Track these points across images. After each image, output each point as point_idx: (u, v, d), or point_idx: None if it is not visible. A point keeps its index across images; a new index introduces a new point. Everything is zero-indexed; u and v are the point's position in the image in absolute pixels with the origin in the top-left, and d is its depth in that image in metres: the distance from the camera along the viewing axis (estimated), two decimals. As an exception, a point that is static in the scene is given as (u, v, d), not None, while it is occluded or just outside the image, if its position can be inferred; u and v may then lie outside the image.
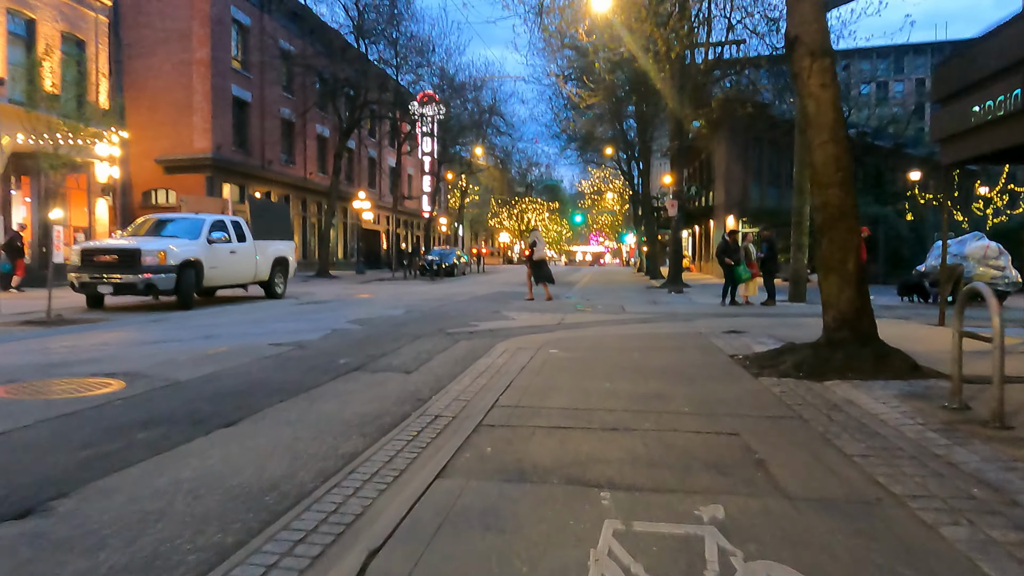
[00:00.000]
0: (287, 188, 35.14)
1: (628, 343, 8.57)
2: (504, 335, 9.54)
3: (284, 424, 4.56)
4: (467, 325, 10.79)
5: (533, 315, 12.70)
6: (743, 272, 15.55)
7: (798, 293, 16.70)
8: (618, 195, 77.30)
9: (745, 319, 12.03)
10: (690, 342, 8.65)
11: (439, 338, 9.14)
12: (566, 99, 34.40)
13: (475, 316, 12.38)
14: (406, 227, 54.86)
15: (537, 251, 17.52)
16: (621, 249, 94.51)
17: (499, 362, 7.12)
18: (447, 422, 4.59)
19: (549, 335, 9.52)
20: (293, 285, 23.10)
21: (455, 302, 16.04)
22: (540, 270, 17.47)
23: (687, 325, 10.99)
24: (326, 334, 9.35)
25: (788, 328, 10.18)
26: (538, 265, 17.52)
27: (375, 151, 47.35)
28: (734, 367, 6.77)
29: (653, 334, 9.65)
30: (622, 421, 4.49)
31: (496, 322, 11.36)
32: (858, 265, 6.60)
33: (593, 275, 39.59)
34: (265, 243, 16.17)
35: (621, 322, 11.51)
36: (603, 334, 9.68)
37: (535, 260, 17.46)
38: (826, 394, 5.49)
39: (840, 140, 6.60)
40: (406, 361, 7.26)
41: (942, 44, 65.77)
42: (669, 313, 13.44)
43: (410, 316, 12.19)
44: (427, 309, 13.85)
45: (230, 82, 29.87)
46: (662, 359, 7.21)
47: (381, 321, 11.24)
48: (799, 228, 16.75)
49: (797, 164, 16.75)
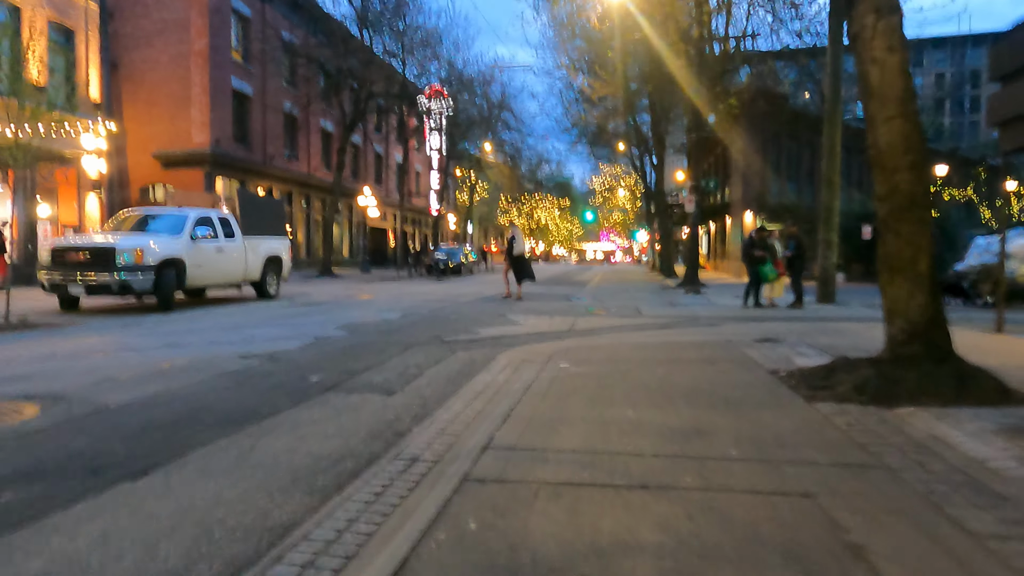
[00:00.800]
0: (290, 184, 34.21)
1: (649, 354, 7.48)
2: (508, 344, 8.47)
3: (210, 475, 3.50)
4: (468, 331, 9.72)
5: (541, 319, 11.62)
6: (769, 272, 14.41)
7: (826, 294, 15.53)
8: (629, 192, 76.12)
9: (775, 324, 10.90)
10: (720, 353, 7.54)
11: (434, 348, 8.07)
12: (577, 92, 33.33)
13: (478, 320, 11.32)
14: (414, 225, 53.89)
15: (516, 247, 16.85)
16: (633, 247, 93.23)
17: (500, 379, 6.05)
18: (425, 469, 3.53)
19: (558, 344, 8.44)
20: (293, 284, 22.14)
21: (458, 304, 14.98)
22: (520, 267, 16.80)
23: (713, 331, 9.88)
24: (307, 343, 8.30)
25: (828, 336, 9.04)
26: (518, 261, 16.84)
27: (382, 147, 46.38)
28: (779, 387, 5.66)
29: (677, 343, 8.54)
30: (654, 472, 3.41)
31: (500, 328, 10.29)
32: (931, 265, 5.48)
33: (604, 274, 38.45)
34: (256, 240, 15.17)
35: (638, 328, 10.41)
36: (620, 343, 8.59)
37: (514, 256, 16.82)
38: (905, 428, 4.38)
39: (910, 115, 5.47)
40: (390, 378, 6.19)
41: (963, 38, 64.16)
42: (690, 317, 12.32)
43: (406, 320, 11.13)
44: (427, 312, 12.80)
45: (229, 74, 28.93)
46: (692, 375, 6.11)
47: (373, 326, 10.19)
48: (827, 224, 15.58)
49: (826, 155, 15.60)
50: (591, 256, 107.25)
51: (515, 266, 16.90)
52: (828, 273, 15.61)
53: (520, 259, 16.92)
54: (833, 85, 15.40)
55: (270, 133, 31.94)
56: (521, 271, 16.84)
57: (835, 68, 15.42)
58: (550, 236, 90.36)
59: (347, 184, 39.48)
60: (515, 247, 16.91)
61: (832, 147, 15.50)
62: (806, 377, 5.92)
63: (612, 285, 25.02)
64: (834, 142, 15.49)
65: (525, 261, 17.09)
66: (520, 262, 16.92)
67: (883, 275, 5.68)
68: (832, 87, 15.42)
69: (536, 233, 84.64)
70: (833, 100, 15.46)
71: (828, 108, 15.60)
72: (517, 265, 16.88)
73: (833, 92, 15.47)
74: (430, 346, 8.19)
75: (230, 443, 4.05)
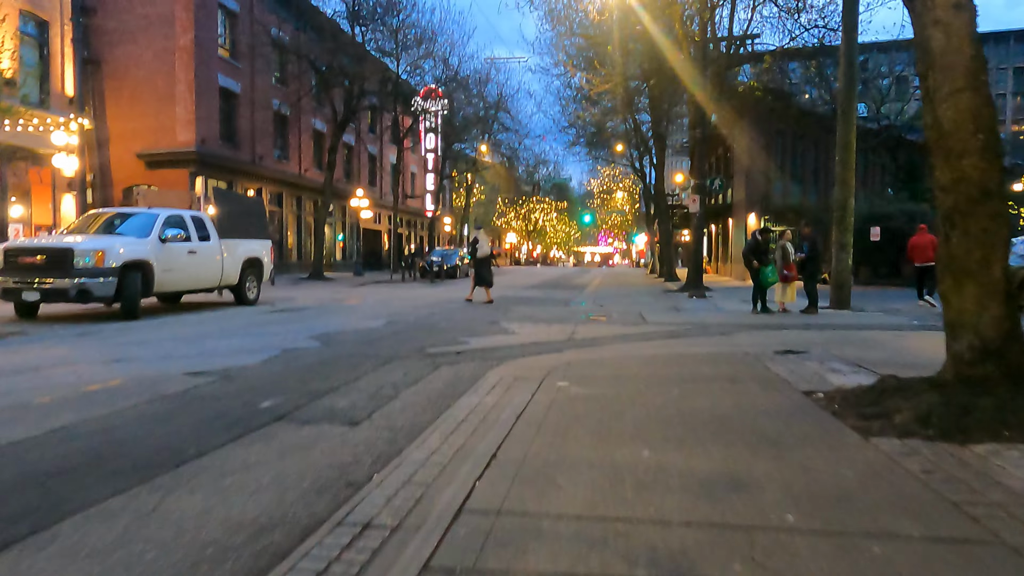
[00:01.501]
0: (280, 185, 33.25)
1: (660, 370, 6.54)
2: (500, 356, 7.53)
3: (74, 560, 2.54)
4: (456, 342, 8.77)
5: (538, 327, 10.67)
6: (770, 275, 13.48)
7: (841, 299, 14.59)
8: (628, 194, 75.29)
9: (793, 333, 9.96)
10: (742, 369, 6.60)
11: (415, 362, 7.12)
12: (575, 90, 32.43)
13: (469, 328, 10.37)
14: (409, 227, 52.93)
15: (480, 249, 16.45)
16: (631, 250, 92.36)
17: (487, 403, 5.12)
18: (377, 544, 2.59)
19: (557, 357, 7.49)
20: (281, 288, 21.19)
21: (450, 309, 14.04)
22: (481, 271, 16.24)
23: (726, 341, 8.94)
24: (271, 356, 7.34)
25: (856, 347, 8.12)
26: (480, 265, 16.30)
27: (375, 148, 45.42)
28: (822, 415, 4.73)
29: (689, 356, 7.59)
30: (688, 556, 2.46)
31: (493, 337, 9.34)
32: (1006, 269, 4.55)
33: (603, 277, 37.51)
34: (234, 242, 14.21)
35: (644, 337, 9.47)
36: (625, 355, 7.64)
37: (478, 259, 16.35)
38: (998, 475, 3.44)
39: (981, 87, 4.53)
40: (358, 402, 5.25)
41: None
42: (698, 324, 11.39)
43: (390, 329, 10.18)
44: (414, 319, 11.85)
45: (216, 71, 27.98)
46: (714, 398, 5.17)
47: (352, 336, 9.24)
48: (841, 225, 14.65)
49: (839, 151, 14.66)
50: (589, 259, 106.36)
51: (476, 269, 16.37)
52: (843, 277, 14.68)
53: (483, 262, 16.39)
54: (847, 75, 14.49)
55: (259, 132, 30.99)
56: (481, 274, 16.27)
57: (849, 57, 14.51)
58: (548, 239, 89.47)
59: (340, 185, 38.51)
60: (479, 250, 16.43)
61: (846, 142, 14.57)
62: (850, 401, 4.98)
63: (612, 289, 24.08)
64: (848, 137, 14.57)
65: (487, 264, 16.56)
66: (482, 265, 16.36)
67: (946, 281, 4.74)
68: (846, 78, 14.51)
69: (533, 236, 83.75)
70: (847, 92, 14.55)
71: (842, 101, 14.69)
72: (478, 268, 16.33)
73: (847, 84, 14.56)
74: (411, 360, 7.24)
75: (126, 503, 3.10)
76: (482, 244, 16.65)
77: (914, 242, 17.16)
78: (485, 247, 16.77)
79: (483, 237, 16.94)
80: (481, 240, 16.73)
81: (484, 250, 16.65)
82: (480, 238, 16.82)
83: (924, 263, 17.22)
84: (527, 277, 37.04)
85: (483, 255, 16.53)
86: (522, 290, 22.78)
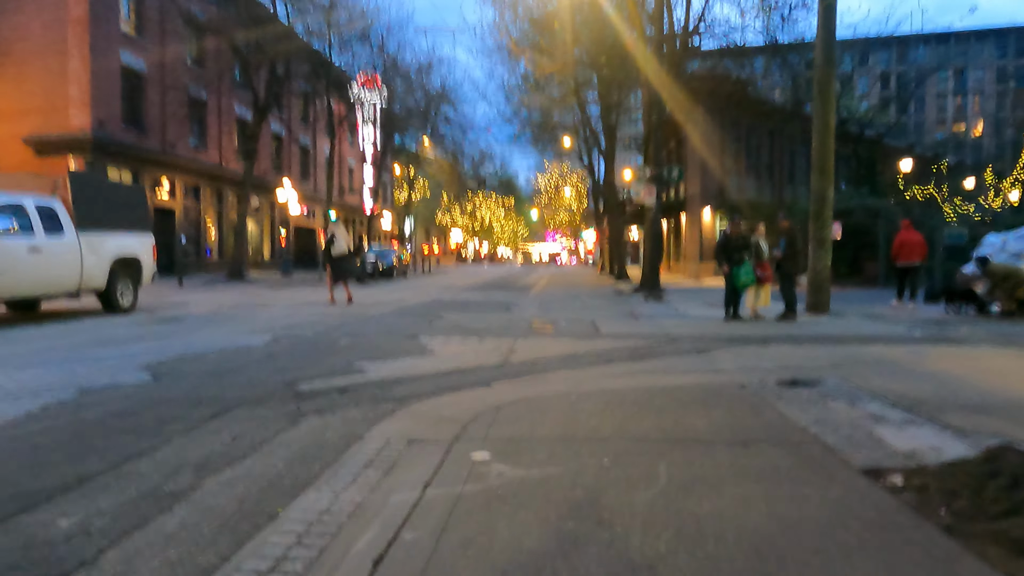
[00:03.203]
0: (197, 177, 30.20)
1: (632, 422, 4.40)
2: (401, 396, 5.28)
3: None
4: (350, 370, 6.47)
5: (467, 344, 8.44)
6: (744, 275, 11.54)
7: (819, 303, 12.80)
8: (576, 191, 73.71)
9: (783, 348, 8.00)
10: (747, 419, 4.51)
11: (269, 410, 4.81)
12: (521, 77, 30.32)
13: (376, 346, 8.08)
14: (347, 224, 50.00)
15: (336, 245, 14.99)
16: (579, 248, 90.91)
17: (343, 507, 2.92)
18: None
19: (482, 395, 5.29)
20: (186, 291, 18.53)
21: (365, 318, 11.69)
22: (339, 267, 15.04)
23: (707, 364, 6.87)
24: (44, 405, 4.88)
25: (880, 373, 6.16)
26: (337, 261, 15.02)
27: (309, 139, 42.50)
28: (925, 533, 2.63)
29: (666, 390, 5.47)
30: None
31: (403, 361, 7.08)
32: None
33: (551, 277, 35.48)
34: (100, 237, 11.59)
35: (601, 357, 7.33)
36: (579, 392, 5.48)
37: (334, 256, 14.98)
38: None
39: None
40: (107, 510, 2.94)
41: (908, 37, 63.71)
42: (664, 337, 9.33)
43: (270, 349, 7.79)
44: (313, 333, 9.47)
45: (117, 47, 24.87)
46: (728, 494, 3.05)
47: (208, 363, 6.82)
48: (820, 219, 12.87)
49: (817, 134, 12.87)
50: (537, 257, 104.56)
51: (333, 265, 15.01)
52: (821, 278, 12.88)
53: (340, 260, 15.08)
54: (826, 43, 12.68)
55: (171, 118, 27.90)
56: (339, 270, 15.04)
57: (827, 27, 12.70)
58: (495, 236, 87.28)
59: (267, 179, 35.63)
60: (335, 246, 14.97)
61: (825, 123, 12.79)
62: (961, 499, 2.92)
63: (560, 290, 22.02)
64: (827, 118, 12.79)
65: (345, 260, 15.34)
66: (340, 263, 15.06)
67: None
68: (824, 46, 12.70)
69: (480, 233, 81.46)
70: (825, 66, 12.76)
71: (819, 77, 12.90)
72: (335, 265, 14.98)
73: (825, 55, 12.75)
74: (265, 406, 4.92)
75: None
76: (339, 240, 15.00)
77: (903, 239, 15.57)
78: (342, 244, 15.08)
79: (341, 232, 15.24)
80: (338, 235, 15.05)
81: (341, 247, 15.05)
82: (337, 233, 15.11)
83: (908, 263, 15.68)
84: (470, 276, 34.79)
85: (340, 253, 15.03)
86: (460, 292, 20.52)
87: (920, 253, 15.60)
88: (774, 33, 18.73)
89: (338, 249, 15.04)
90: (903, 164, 29.85)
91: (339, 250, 15.05)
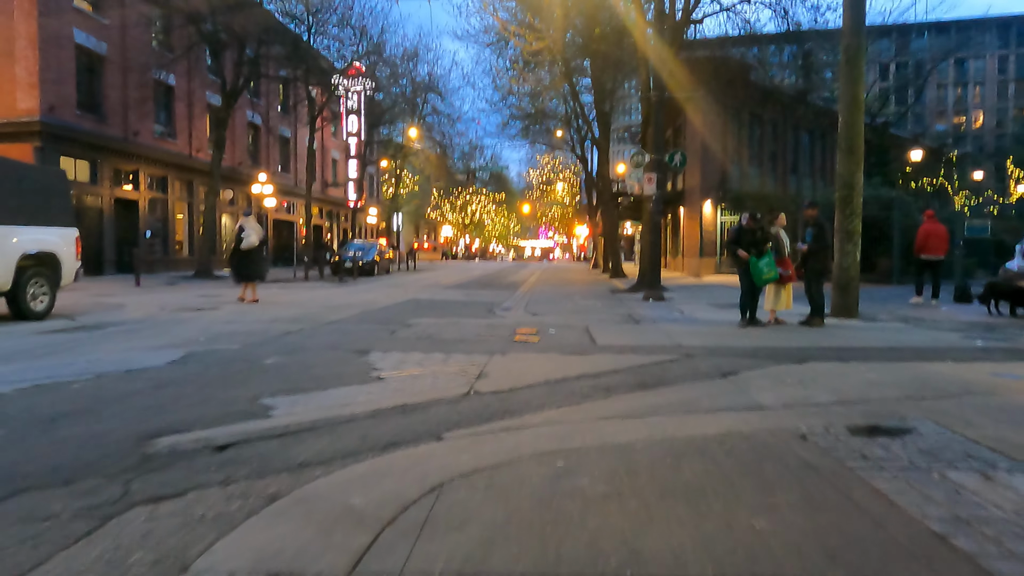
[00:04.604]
0: (165, 167, 28.24)
1: (654, 528, 2.63)
2: (301, 460, 3.53)
3: None
4: (249, 411, 4.68)
5: (426, 363, 6.66)
6: (765, 269, 9.80)
7: (847, 305, 11.11)
8: (568, 185, 71.94)
9: (827, 369, 6.28)
10: (841, 519, 2.77)
11: (69, 499, 3.04)
12: (510, 60, 28.49)
13: (308, 369, 6.29)
14: (330, 218, 48.14)
15: (245, 239, 13.87)
16: (572, 244, 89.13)
17: None
18: None
19: (420, 459, 3.53)
20: (143, 292, 16.63)
21: (317, 326, 9.90)
22: (247, 264, 13.86)
23: (738, 394, 5.13)
24: None
25: (981, 411, 4.46)
26: (245, 257, 13.88)
27: (289, 130, 40.55)
28: None
29: (697, 448, 3.70)
30: None
31: (332, 392, 5.31)
32: None
33: (542, 273, 33.70)
34: (3, 230, 9.77)
35: (598, 385, 5.58)
36: (565, 454, 3.72)
37: (242, 250, 13.88)
38: None
39: None
40: None
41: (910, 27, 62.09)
42: (673, 348, 7.60)
43: (163, 375, 5.95)
44: (238, 347, 7.67)
45: (71, 25, 22.89)
46: None
47: (54, 398, 4.92)
48: (847, 207, 11.21)
49: (844, 110, 11.14)
50: (529, 253, 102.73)
51: (240, 261, 13.93)
52: (849, 275, 11.19)
53: (248, 254, 13.88)
54: (855, 8, 10.95)
55: (135, 104, 25.90)
56: (245, 269, 13.84)
57: (859, -13, 10.97)
58: (486, 232, 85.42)
59: (243, 170, 33.73)
60: (243, 240, 13.85)
61: (853, 98, 11.08)
62: None
63: (550, 288, 20.27)
64: (856, 90, 11.09)
65: (254, 255, 13.98)
66: (247, 257, 13.88)
67: None
68: (853, 11, 10.97)
69: (470, 229, 79.62)
70: (854, 34, 11.03)
71: (847, 44, 11.16)
72: (242, 260, 13.88)
73: (854, 21, 11.03)
74: (74, 487, 3.15)
75: None
76: (248, 233, 13.89)
77: (928, 231, 14.02)
78: (252, 236, 13.93)
79: (251, 224, 14.10)
80: (248, 228, 13.95)
81: (251, 240, 13.89)
82: (247, 226, 14.00)
83: (933, 256, 14.17)
84: (457, 273, 32.99)
85: (249, 246, 13.87)
86: (442, 291, 18.75)
87: (945, 247, 14.22)
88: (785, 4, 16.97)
89: (247, 243, 13.87)
90: (913, 154, 28.18)
91: (248, 243, 13.88)
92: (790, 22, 16.96)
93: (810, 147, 32.33)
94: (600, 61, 22.12)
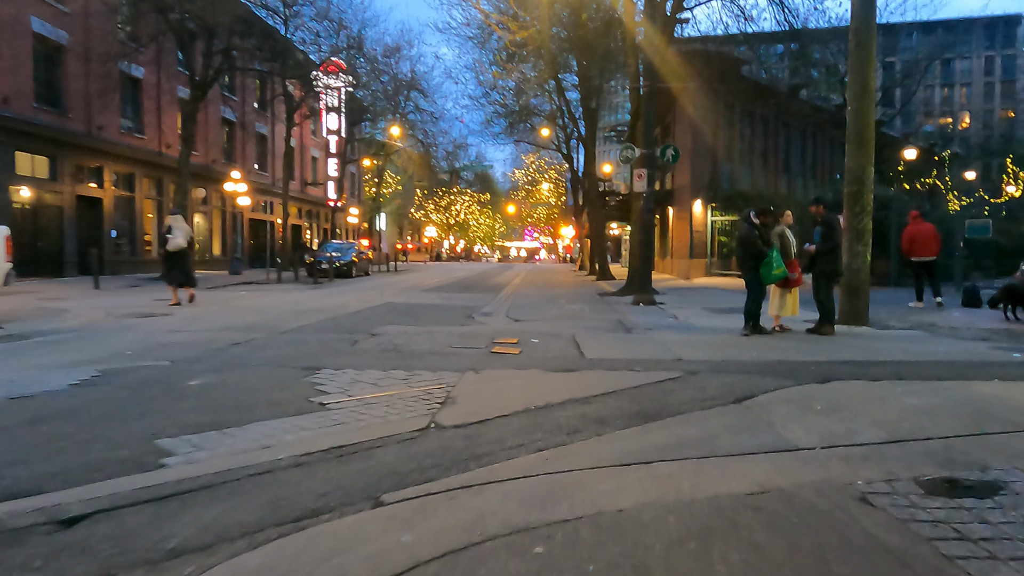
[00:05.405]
0: (132, 164, 26.96)
1: None
2: (167, 549, 2.48)
3: None
4: (134, 460, 3.60)
5: (383, 384, 5.62)
6: (775, 268, 8.81)
7: (856, 311, 10.17)
8: (554, 185, 71.03)
9: (857, 390, 5.31)
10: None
11: None
12: (493, 53, 27.49)
13: (237, 393, 5.23)
14: (310, 218, 46.95)
15: (172, 240, 13.15)
16: (557, 245, 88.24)
17: None
18: None
19: (344, 548, 2.49)
20: (99, 295, 15.44)
21: (271, 335, 8.82)
22: (174, 267, 13.11)
23: (763, 430, 4.13)
24: None
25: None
26: (172, 259, 13.13)
27: (266, 127, 39.31)
28: None
29: (724, 521, 2.69)
30: None
31: (254, 428, 4.24)
32: None
33: (526, 275, 32.68)
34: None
35: (588, 416, 4.57)
36: (546, 530, 2.71)
37: (170, 252, 13.16)
38: None
39: None
40: None
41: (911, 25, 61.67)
42: (673, 364, 6.60)
43: (49, 406, 4.77)
44: (166, 363, 6.59)
45: (28, 13, 21.61)
46: None
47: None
48: (856, 204, 10.28)
49: (853, 97, 10.24)
50: (515, 254, 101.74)
51: (168, 264, 13.19)
52: (859, 278, 10.24)
53: (176, 256, 13.13)
54: (867, -11, 10.03)
55: (98, 97, 24.58)
56: (173, 271, 13.10)
57: (870, -36, 10.05)
58: (471, 233, 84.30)
59: (217, 167, 32.49)
60: (170, 240, 13.13)
61: (863, 86, 10.16)
62: None
63: (535, 291, 19.27)
64: (866, 75, 10.16)
65: (182, 257, 13.22)
66: (175, 259, 13.12)
67: None
68: (865, -6, 10.04)
69: (455, 230, 78.48)
70: (865, 11, 10.11)
71: (856, 28, 10.23)
72: (170, 263, 13.13)
73: (864, 3, 10.11)
74: None
75: None
76: (176, 234, 13.18)
77: (912, 232, 13.58)
78: (179, 238, 13.18)
79: (179, 224, 13.40)
80: (175, 228, 13.25)
81: (178, 242, 13.14)
82: (175, 226, 13.30)
83: (924, 257, 13.58)
84: (439, 275, 31.91)
85: (176, 247, 13.12)
86: (420, 294, 17.69)
87: (936, 247, 13.62)
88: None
89: (173, 244, 13.12)
90: (907, 153, 27.45)
91: (175, 244, 13.14)
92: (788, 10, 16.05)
93: (802, 145, 31.56)
94: (587, 53, 21.16)
